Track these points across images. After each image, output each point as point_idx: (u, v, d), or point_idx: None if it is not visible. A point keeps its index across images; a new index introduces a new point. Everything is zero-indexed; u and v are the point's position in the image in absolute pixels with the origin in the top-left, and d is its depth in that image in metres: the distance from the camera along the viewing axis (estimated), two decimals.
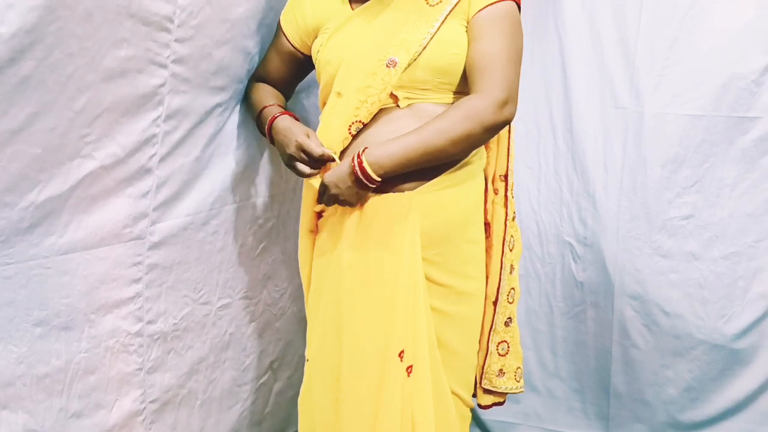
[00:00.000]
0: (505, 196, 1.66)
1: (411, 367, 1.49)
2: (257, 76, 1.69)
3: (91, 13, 1.21)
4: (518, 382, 1.74)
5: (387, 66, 1.47)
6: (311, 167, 1.50)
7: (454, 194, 1.54)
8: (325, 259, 1.56)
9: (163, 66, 1.39)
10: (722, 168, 2.12)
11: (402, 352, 1.48)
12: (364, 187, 1.45)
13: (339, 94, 1.50)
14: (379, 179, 1.44)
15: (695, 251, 2.15)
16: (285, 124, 1.54)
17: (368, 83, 1.47)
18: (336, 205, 1.52)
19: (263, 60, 1.69)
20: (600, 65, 2.19)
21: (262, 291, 1.84)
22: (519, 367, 1.74)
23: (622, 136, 2.19)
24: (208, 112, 1.56)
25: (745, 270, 2.13)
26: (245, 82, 1.67)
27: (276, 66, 1.67)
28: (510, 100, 1.45)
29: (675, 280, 2.17)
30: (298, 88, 1.77)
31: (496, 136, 1.60)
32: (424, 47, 1.47)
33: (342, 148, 1.51)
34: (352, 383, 1.50)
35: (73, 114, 1.24)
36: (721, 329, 2.14)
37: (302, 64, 1.68)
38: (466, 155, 1.52)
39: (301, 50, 1.64)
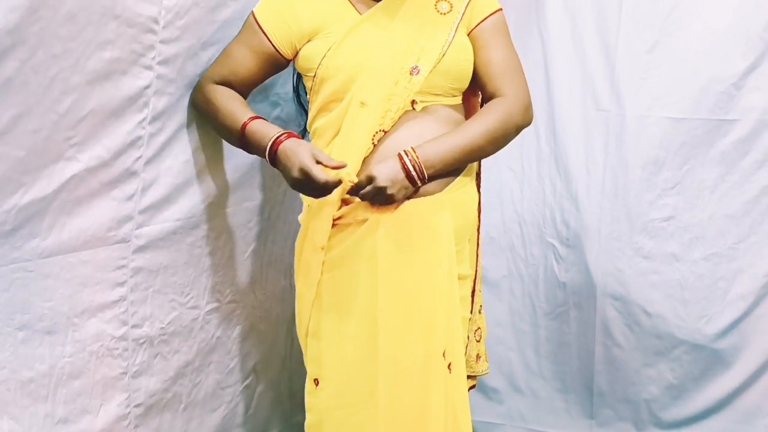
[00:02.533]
0: (478, 192, 1.70)
1: (451, 364, 1.51)
2: (216, 75, 1.53)
3: (74, 15, 1.20)
4: (487, 362, 1.80)
5: (410, 73, 1.48)
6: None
7: (466, 193, 1.59)
8: (350, 269, 1.52)
9: (149, 68, 1.37)
10: (702, 170, 2.14)
11: (444, 351, 1.50)
12: (413, 186, 1.46)
13: (363, 103, 1.48)
14: (427, 178, 1.46)
15: (676, 252, 2.17)
16: (291, 148, 1.44)
17: (393, 92, 1.48)
18: (357, 216, 1.50)
19: (225, 58, 1.54)
20: (582, 69, 2.21)
21: (249, 294, 1.83)
22: (485, 349, 1.80)
23: (603, 138, 2.21)
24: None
25: (725, 271, 2.15)
26: None
27: (247, 66, 1.54)
28: (530, 103, 1.58)
29: (656, 281, 2.19)
30: None
31: None
32: (443, 54, 1.50)
33: (363, 158, 1.49)
34: (393, 390, 1.48)
35: (57, 116, 1.23)
36: (702, 329, 2.16)
37: (278, 67, 1.59)
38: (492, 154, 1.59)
39: (285, 53, 1.55)
